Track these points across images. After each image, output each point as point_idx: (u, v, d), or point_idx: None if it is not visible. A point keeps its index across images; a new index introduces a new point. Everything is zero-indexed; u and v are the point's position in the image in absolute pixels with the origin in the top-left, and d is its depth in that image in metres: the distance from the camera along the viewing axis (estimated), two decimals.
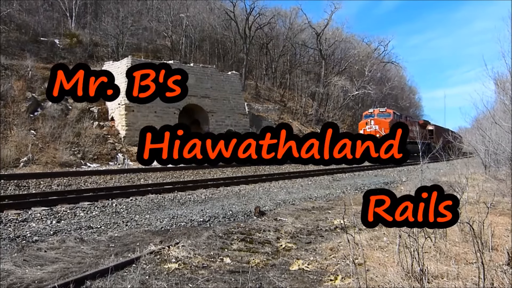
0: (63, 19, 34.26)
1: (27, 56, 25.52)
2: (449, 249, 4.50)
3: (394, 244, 4.50)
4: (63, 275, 3.93)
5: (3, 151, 16.86)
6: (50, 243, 5.09)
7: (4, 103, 20.90)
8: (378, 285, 3.53)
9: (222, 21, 43.17)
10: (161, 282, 3.71)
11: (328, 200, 9.72)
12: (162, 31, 37.54)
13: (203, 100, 28.10)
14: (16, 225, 6.21)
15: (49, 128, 20.53)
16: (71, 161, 19.00)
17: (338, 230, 6.21)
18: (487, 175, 12.98)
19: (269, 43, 46.24)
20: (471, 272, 3.67)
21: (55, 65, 2.71)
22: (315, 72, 51.32)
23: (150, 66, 2.62)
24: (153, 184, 11.74)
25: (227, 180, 13.26)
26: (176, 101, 2.82)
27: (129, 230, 6.06)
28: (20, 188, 10.49)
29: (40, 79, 23.48)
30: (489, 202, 5.24)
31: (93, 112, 24.50)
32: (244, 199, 9.28)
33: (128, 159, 20.92)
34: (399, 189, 11.77)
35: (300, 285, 3.85)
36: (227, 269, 4.22)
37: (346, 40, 52.64)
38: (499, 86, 12.25)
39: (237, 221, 6.82)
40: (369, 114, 30.81)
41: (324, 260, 4.56)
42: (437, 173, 14.52)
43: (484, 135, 13.04)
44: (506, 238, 5.00)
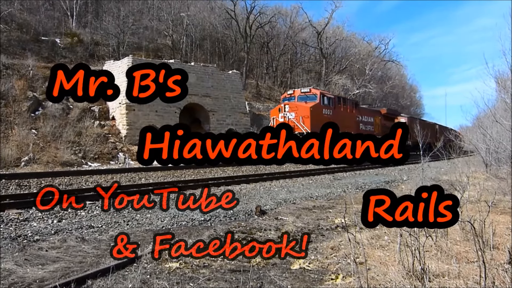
0: (64, 18, 34.29)
1: (28, 55, 25.55)
2: (450, 248, 4.50)
3: (395, 243, 4.50)
4: (64, 274, 3.94)
5: (4, 150, 16.89)
6: (51, 242, 5.10)
7: (5, 103, 20.93)
8: (379, 284, 3.54)
9: (222, 20, 43.15)
10: (162, 281, 3.72)
11: (329, 199, 9.72)
12: (163, 30, 37.55)
13: (204, 99, 28.09)
14: (17, 224, 6.23)
15: (50, 127, 20.56)
16: (72, 161, 19.04)
17: (339, 229, 6.21)
18: (488, 174, 12.97)
19: (269, 42, 46.22)
20: (472, 271, 3.67)
21: (55, 65, 2.72)
22: (316, 71, 51.31)
23: (150, 66, 2.63)
24: (154, 183, 11.75)
25: (228, 179, 13.26)
26: (176, 101, 2.82)
27: (130, 229, 6.07)
28: (21, 188, 10.51)
29: (41, 78, 23.50)
30: (490, 200, 5.23)
31: (94, 112, 24.53)
32: (245, 198, 9.29)
33: (129, 159, 20.94)
34: (400, 188, 11.77)
35: (301, 284, 3.85)
36: (228, 268, 4.23)
37: (346, 38, 52.63)
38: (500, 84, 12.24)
39: (238, 220, 6.82)
40: (287, 96, 22.63)
41: (325, 259, 4.56)
42: (438, 171, 14.50)
43: (485, 133, 13.02)
44: (507, 236, 4.99)
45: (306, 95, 21.70)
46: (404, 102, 67.47)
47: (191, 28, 38.47)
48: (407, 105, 68.37)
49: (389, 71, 62.99)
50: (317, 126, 18.81)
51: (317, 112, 20.83)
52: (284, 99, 22.51)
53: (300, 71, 50.07)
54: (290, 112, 20.60)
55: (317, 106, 20.97)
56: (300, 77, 48.64)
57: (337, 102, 23.40)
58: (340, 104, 23.58)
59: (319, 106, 21.24)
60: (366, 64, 51.16)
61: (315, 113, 20.55)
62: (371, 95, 51.50)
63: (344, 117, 22.98)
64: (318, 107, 21.10)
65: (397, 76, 64.02)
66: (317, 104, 21.08)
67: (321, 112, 21.32)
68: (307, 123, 20.09)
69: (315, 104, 20.94)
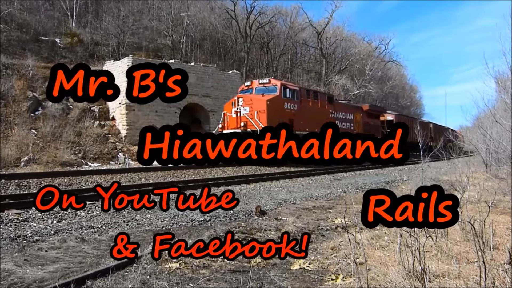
0: (64, 18, 34.29)
1: (28, 55, 25.56)
2: (450, 248, 4.50)
3: (395, 243, 4.50)
4: (64, 274, 3.94)
5: (4, 150, 16.89)
6: (51, 242, 5.09)
7: (5, 103, 20.94)
8: (379, 285, 3.53)
9: (223, 20, 43.15)
10: (162, 282, 3.72)
11: (329, 199, 9.72)
12: (163, 30, 37.54)
13: (204, 99, 28.10)
14: (17, 224, 6.22)
15: (50, 127, 20.57)
16: (72, 161, 19.05)
17: (339, 229, 6.21)
18: (488, 174, 12.97)
19: (270, 42, 46.21)
20: (472, 271, 3.67)
21: (55, 65, 2.72)
22: (316, 71, 51.30)
23: (150, 66, 2.63)
24: (154, 183, 11.75)
25: (228, 179, 13.25)
26: (176, 101, 2.83)
27: (130, 230, 6.07)
28: (21, 188, 10.50)
29: (41, 78, 23.51)
30: (490, 201, 5.22)
31: (94, 112, 24.55)
32: (245, 199, 9.28)
33: (129, 159, 20.95)
34: (400, 188, 11.77)
35: (301, 284, 3.85)
36: (228, 268, 4.23)
37: (347, 39, 52.65)
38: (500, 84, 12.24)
39: (238, 221, 6.82)
40: (244, 88, 19.85)
41: (325, 260, 4.56)
42: (438, 172, 14.49)
43: (485, 133, 13.03)
44: (507, 237, 4.99)
45: (265, 86, 18.83)
46: (404, 102, 67.51)
47: (191, 28, 38.47)
48: (407, 105, 68.43)
49: (389, 71, 63.02)
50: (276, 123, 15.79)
51: (276, 107, 18.17)
52: (241, 91, 19.88)
53: (300, 71, 50.04)
54: (244, 106, 17.88)
55: (276, 99, 18.21)
56: (300, 77, 48.61)
57: (306, 95, 20.82)
58: (309, 98, 21.04)
59: (280, 100, 18.49)
60: (366, 64, 51.19)
61: (274, 107, 17.89)
62: (371, 95, 51.51)
63: (313, 113, 20.59)
64: (278, 101, 18.35)
65: (397, 76, 64.06)
66: (277, 97, 18.28)
67: (281, 106, 18.71)
68: (263, 119, 17.30)
69: (274, 97, 18.15)
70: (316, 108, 21.31)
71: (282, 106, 18.77)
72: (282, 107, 18.75)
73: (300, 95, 20.15)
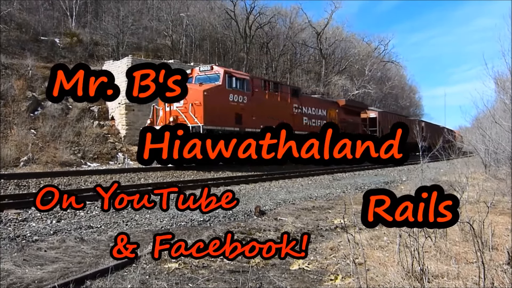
0: (63, 18, 34.26)
1: (27, 55, 25.52)
2: (449, 249, 4.50)
3: (394, 244, 4.50)
4: (63, 274, 3.93)
5: (3, 150, 16.87)
6: (50, 242, 5.09)
7: (4, 102, 20.91)
8: (378, 285, 3.54)
9: (222, 20, 43.15)
10: (161, 282, 3.72)
11: (329, 199, 9.72)
12: (162, 30, 37.52)
13: None
14: (16, 224, 6.22)
15: (49, 127, 20.55)
16: (71, 161, 19.03)
17: (338, 230, 6.21)
18: (487, 174, 13.00)
19: (269, 42, 46.20)
20: (471, 272, 3.67)
21: (55, 65, 2.72)
22: (315, 72, 51.31)
23: (150, 66, 2.63)
24: (153, 183, 11.75)
25: (227, 179, 13.26)
26: (176, 101, 2.84)
27: (129, 230, 6.06)
28: (20, 188, 10.49)
29: (41, 78, 23.48)
30: (489, 201, 5.24)
31: (94, 112, 24.53)
32: (244, 199, 9.29)
33: (129, 159, 20.93)
34: (399, 189, 11.78)
35: (301, 284, 3.85)
36: (227, 268, 4.23)
37: (346, 39, 52.69)
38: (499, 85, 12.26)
39: (238, 221, 6.82)
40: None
41: (324, 260, 4.56)
42: (437, 172, 14.52)
43: (484, 134, 13.04)
44: (506, 237, 5.00)
45: (207, 75, 16.06)
46: (404, 102, 67.57)
47: (191, 29, 38.46)
48: (406, 105, 68.48)
49: (389, 71, 63.05)
50: (216, 118, 14.95)
51: (218, 99, 15.39)
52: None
53: (300, 71, 50.05)
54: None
55: (217, 89, 15.40)
56: (299, 77, 48.63)
57: (260, 86, 17.91)
58: (265, 89, 18.11)
59: (223, 90, 15.64)
60: (366, 65, 51.21)
61: (214, 99, 15.10)
62: (371, 96, 51.55)
63: (270, 107, 17.84)
64: (220, 92, 15.51)
65: (396, 77, 64.06)
66: (219, 87, 15.47)
67: (225, 98, 15.88)
68: (199, 114, 14.53)
69: (215, 86, 15.33)
70: (274, 102, 18.55)
71: (226, 98, 15.94)
72: (225, 99, 15.93)
73: (252, 86, 17.23)
